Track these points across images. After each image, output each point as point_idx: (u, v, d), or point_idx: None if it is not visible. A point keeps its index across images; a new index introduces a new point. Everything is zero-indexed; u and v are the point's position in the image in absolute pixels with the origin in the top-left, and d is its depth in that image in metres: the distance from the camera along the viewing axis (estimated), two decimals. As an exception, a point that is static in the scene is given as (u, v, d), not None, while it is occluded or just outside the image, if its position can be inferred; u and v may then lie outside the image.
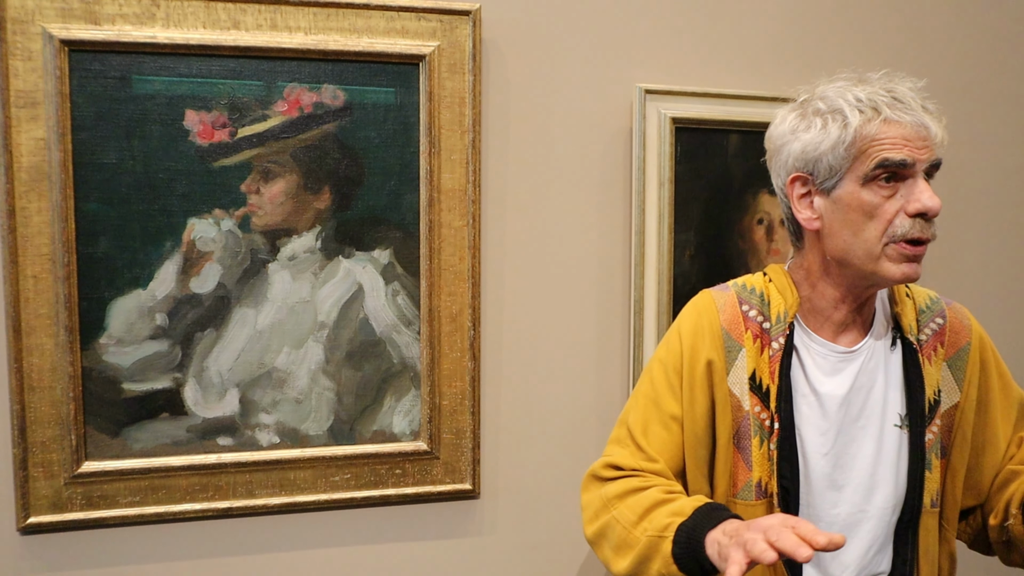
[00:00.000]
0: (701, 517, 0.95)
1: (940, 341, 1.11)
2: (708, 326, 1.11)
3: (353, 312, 1.39)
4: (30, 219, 1.24)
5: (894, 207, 1.00)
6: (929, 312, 1.13)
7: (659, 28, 1.51)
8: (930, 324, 1.12)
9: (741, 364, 1.09)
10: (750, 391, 1.08)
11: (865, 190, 1.01)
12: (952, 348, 1.12)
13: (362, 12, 1.34)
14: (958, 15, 1.69)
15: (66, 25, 1.23)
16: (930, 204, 0.99)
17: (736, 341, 1.10)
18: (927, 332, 1.12)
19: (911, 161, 0.99)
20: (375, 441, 1.41)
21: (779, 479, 1.06)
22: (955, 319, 1.13)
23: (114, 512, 1.31)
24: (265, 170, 1.34)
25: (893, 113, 0.99)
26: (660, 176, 1.48)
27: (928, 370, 1.10)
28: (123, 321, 1.30)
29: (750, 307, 1.12)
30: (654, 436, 1.10)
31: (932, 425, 1.10)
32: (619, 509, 1.04)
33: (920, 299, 1.14)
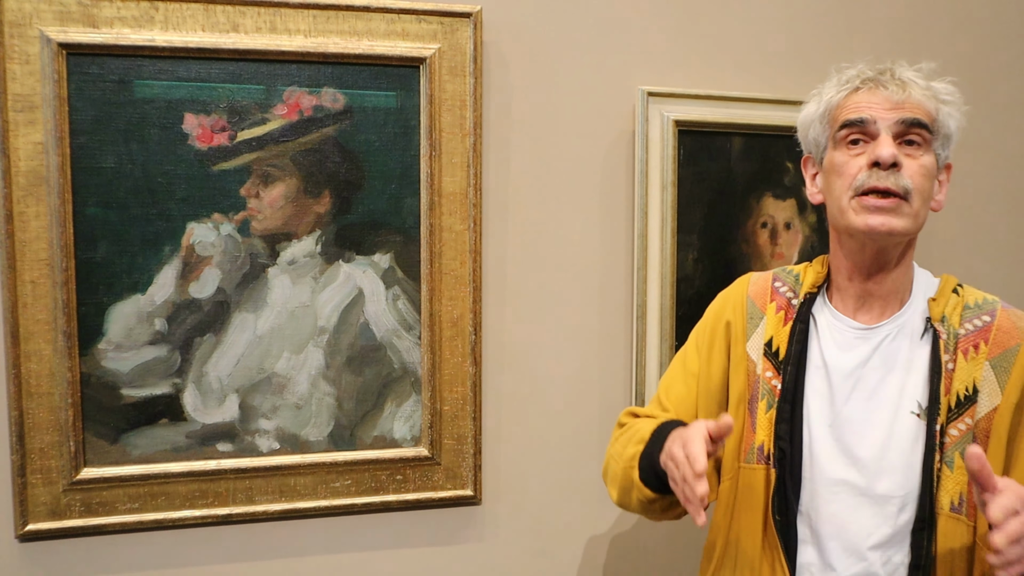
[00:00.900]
0: (656, 439, 1.10)
1: (984, 338, 1.06)
2: (736, 295, 1.22)
3: (353, 317, 1.38)
4: (28, 224, 1.23)
5: (859, 163, 1.05)
6: (977, 309, 1.09)
7: (661, 30, 1.50)
8: (974, 320, 1.08)
9: (760, 331, 1.16)
10: (764, 356, 1.14)
11: (836, 152, 1.08)
12: (998, 348, 1.05)
13: (362, 15, 1.33)
14: (962, 17, 1.67)
15: (64, 28, 1.22)
16: (880, 152, 1.02)
17: (759, 309, 1.18)
18: (968, 327, 1.07)
19: (870, 119, 1.04)
20: (376, 447, 1.40)
21: (776, 440, 1.10)
22: (1006, 319, 1.07)
23: (113, 519, 1.30)
24: (265, 174, 1.33)
25: (865, 84, 1.07)
26: (663, 179, 1.47)
27: (963, 365, 1.05)
28: (122, 326, 1.29)
29: (783, 284, 1.19)
30: (674, 392, 1.22)
31: (959, 422, 1.04)
32: (614, 447, 1.20)
33: (971, 297, 1.11)
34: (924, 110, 1.05)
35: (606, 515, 1.54)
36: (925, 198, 1.05)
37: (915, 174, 1.03)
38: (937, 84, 1.08)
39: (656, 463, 1.06)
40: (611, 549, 1.55)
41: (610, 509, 1.54)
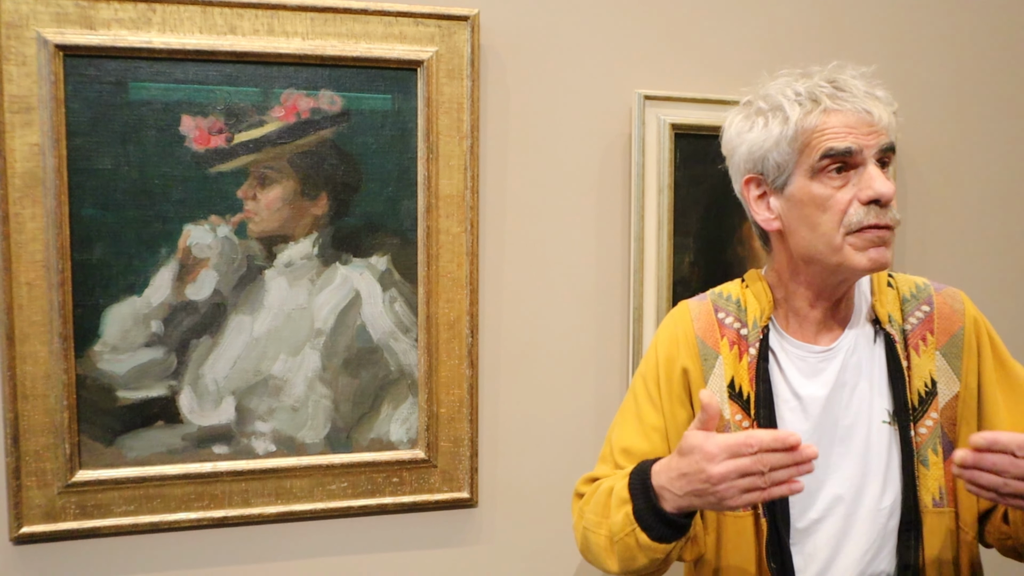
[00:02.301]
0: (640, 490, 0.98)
1: (929, 329, 1.05)
2: (683, 335, 1.12)
3: (350, 319, 1.38)
4: (24, 225, 1.23)
5: (847, 196, 0.98)
6: (915, 300, 1.07)
7: (658, 34, 1.50)
8: (916, 312, 1.06)
9: (719, 372, 1.08)
10: (730, 399, 1.07)
11: (815, 183, 0.99)
12: (944, 335, 1.05)
13: (360, 17, 1.33)
14: (956, 22, 1.68)
15: (61, 30, 1.22)
16: (882, 189, 0.96)
17: (712, 348, 1.10)
18: (912, 321, 1.06)
19: (857, 148, 0.97)
20: (372, 449, 1.40)
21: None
22: (944, 304, 1.06)
23: (108, 522, 1.29)
24: (262, 176, 1.33)
25: (834, 103, 0.98)
26: (659, 182, 1.47)
27: (917, 361, 1.04)
28: (118, 328, 1.29)
29: (726, 314, 1.11)
30: (637, 450, 1.10)
31: (926, 419, 1.04)
32: (587, 517, 1.07)
33: (905, 287, 1.09)
34: (890, 129, 1.00)
35: (602, 518, 1.54)
36: None
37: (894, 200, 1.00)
38: (881, 91, 1.02)
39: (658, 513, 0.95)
40: (607, 552, 1.55)
41: (606, 512, 1.54)
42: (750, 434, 0.87)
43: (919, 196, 1.69)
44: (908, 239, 1.69)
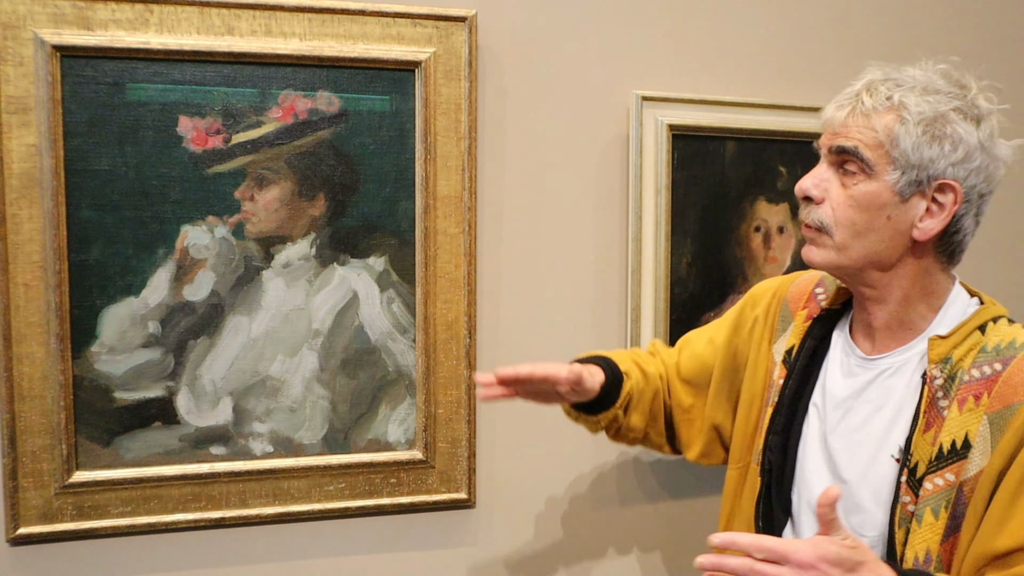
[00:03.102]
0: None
1: (988, 389, 0.92)
2: (776, 290, 1.20)
3: (348, 320, 1.38)
4: (21, 226, 1.23)
5: None
6: (994, 354, 0.95)
7: (656, 35, 1.50)
8: (984, 366, 0.94)
9: (787, 335, 1.14)
10: (783, 363, 1.12)
11: None
12: (999, 402, 0.91)
13: (357, 18, 1.33)
14: (955, 21, 1.69)
15: (58, 30, 1.22)
16: (800, 183, 1.01)
17: (791, 314, 1.15)
18: (975, 373, 0.94)
19: (817, 145, 1.02)
20: (370, 450, 1.40)
21: (764, 449, 1.10)
22: (1019, 371, 0.92)
23: (105, 522, 1.29)
24: (259, 177, 1.33)
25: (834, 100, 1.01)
26: (657, 183, 1.48)
27: (955, 416, 0.93)
28: (115, 329, 1.28)
29: (824, 291, 1.15)
30: (694, 347, 1.27)
31: (938, 476, 0.93)
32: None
33: (995, 339, 0.96)
34: (862, 136, 0.95)
35: (600, 519, 1.54)
36: (856, 231, 0.97)
37: (839, 206, 0.97)
38: (911, 100, 0.94)
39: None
40: (605, 554, 1.55)
41: (605, 513, 1.54)
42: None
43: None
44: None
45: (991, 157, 0.95)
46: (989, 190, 0.97)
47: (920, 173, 0.94)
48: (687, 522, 1.59)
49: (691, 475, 1.59)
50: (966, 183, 0.95)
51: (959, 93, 0.96)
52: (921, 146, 0.93)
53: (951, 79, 0.97)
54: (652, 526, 1.57)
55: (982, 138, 0.94)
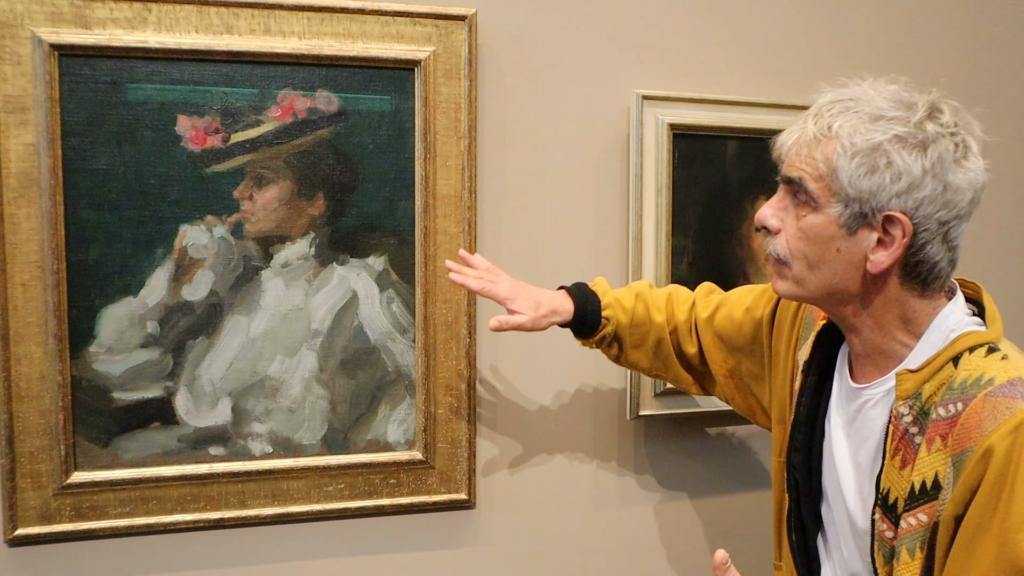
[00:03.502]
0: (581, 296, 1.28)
1: (949, 430, 0.88)
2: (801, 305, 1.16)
3: (347, 320, 1.37)
4: (19, 226, 1.22)
5: None
6: (960, 392, 0.88)
7: (657, 34, 1.50)
8: (949, 404, 0.89)
9: (806, 345, 1.10)
10: (802, 372, 1.09)
11: None
12: (958, 445, 0.87)
13: (357, 17, 1.33)
14: (958, 19, 1.68)
15: (56, 29, 1.21)
16: (759, 213, 0.98)
17: (813, 322, 1.11)
18: (941, 412, 0.89)
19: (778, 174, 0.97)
20: (369, 450, 1.39)
21: (789, 468, 1.09)
22: (975, 413, 0.86)
23: (104, 523, 1.29)
24: (258, 176, 1.32)
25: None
26: (658, 183, 1.47)
27: (925, 456, 0.89)
28: (113, 329, 1.28)
29: None
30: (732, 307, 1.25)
31: (910, 516, 0.90)
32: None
33: (964, 373, 0.89)
34: (807, 167, 0.91)
35: (601, 519, 1.54)
36: (811, 264, 0.94)
37: (791, 238, 0.95)
38: (848, 129, 0.89)
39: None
40: (606, 553, 1.55)
41: (605, 513, 1.54)
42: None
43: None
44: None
45: (944, 183, 0.88)
46: (953, 216, 0.89)
47: (863, 206, 0.89)
48: (687, 522, 1.59)
49: (692, 476, 1.58)
50: (917, 213, 0.88)
51: (904, 118, 0.89)
52: (859, 179, 0.88)
53: (899, 101, 0.90)
54: (652, 526, 1.57)
55: (928, 166, 0.87)
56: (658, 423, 1.55)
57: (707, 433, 1.59)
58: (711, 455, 1.59)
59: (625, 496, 1.55)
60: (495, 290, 1.24)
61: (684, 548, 1.58)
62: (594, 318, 1.26)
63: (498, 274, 1.28)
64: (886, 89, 0.92)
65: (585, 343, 1.31)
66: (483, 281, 1.24)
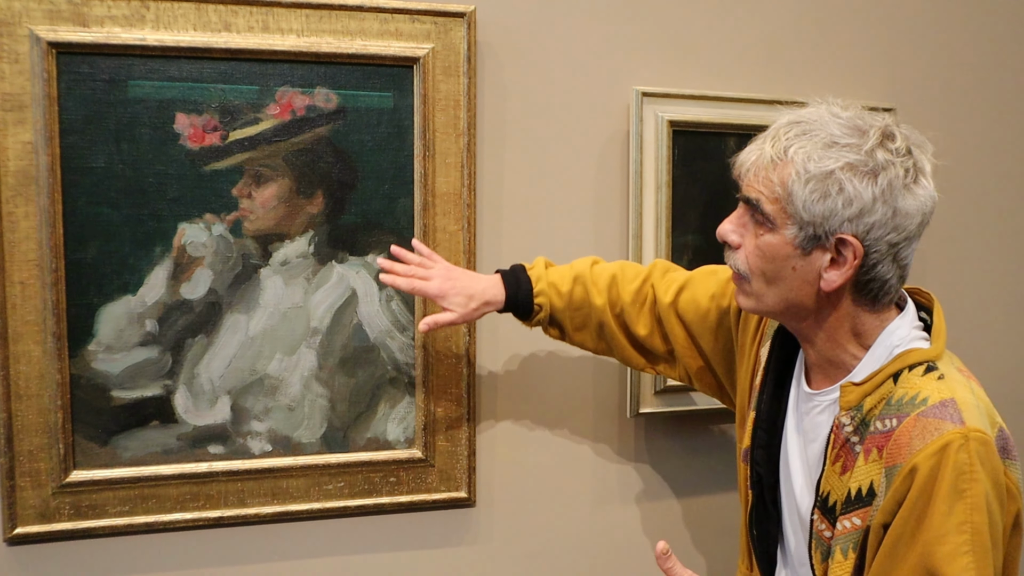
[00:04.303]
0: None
1: (885, 443, 0.92)
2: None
3: (346, 318, 1.37)
4: (17, 224, 1.22)
5: None
6: (896, 408, 0.92)
7: (656, 30, 1.49)
8: (886, 419, 0.93)
9: (768, 343, 1.13)
10: (764, 368, 1.12)
11: None
12: (890, 459, 0.91)
13: (355, 14, 1.32)
14: (957, 16, 1.68)
15: (54, 27, 1.21)
16: (720, 228, 1.01)
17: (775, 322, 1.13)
18: (879, 425, 0.93)
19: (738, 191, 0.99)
20: (369, 449, 1.39)
21: (753, 463, 1.11)
22: (906, 432, 0.90)
23: (103, 522, 1.28)
24: (257, 174, 1.32)
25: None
26: (657, 180, 1.47)
27: (861, 463, 0.93)
28: (112, 328, 1.28)
29: None
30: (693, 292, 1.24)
31: (845, 519, 0.94)
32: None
33: (903, 390, 0.93)
34: (764, 189, 0.94)
35: (600, 518, 1.54)
36: (768, 279, 0.97)
37: (750, 254, 0.98)
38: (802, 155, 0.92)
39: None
40: (605, 552, 1.54)
41: (605, 511, 1.53)
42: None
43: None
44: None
45: (893, 208, 0.91)
46: (903, 238, 0.93)
47: (816, 229, 0.92)
48: (687, 520, 1.58)
49: (692, 473, 1.58)
50: (868, 237, 0.91)
51: (857, 145, 0.91)
52: (812, 203, 0.91)
53: (853, 127, 0.92)
54: (652, 524, 1.56)
55: (879, 192, 0.90)
56: (658, 421, 1.55)
57: (707, 431, 1.58)
58: (711, 453, 1.59)
59: (625, 494, 1.55)
60: (425, 288, 1.23)
61: (684, 546, 1.58)
62: (526, 305, 1.26)
63: (432, 266, 1.27)
64: (842, 115, 0.94)
65: (525, 325, 1.31)
66: (412, 280, 1.24)
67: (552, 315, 1.28)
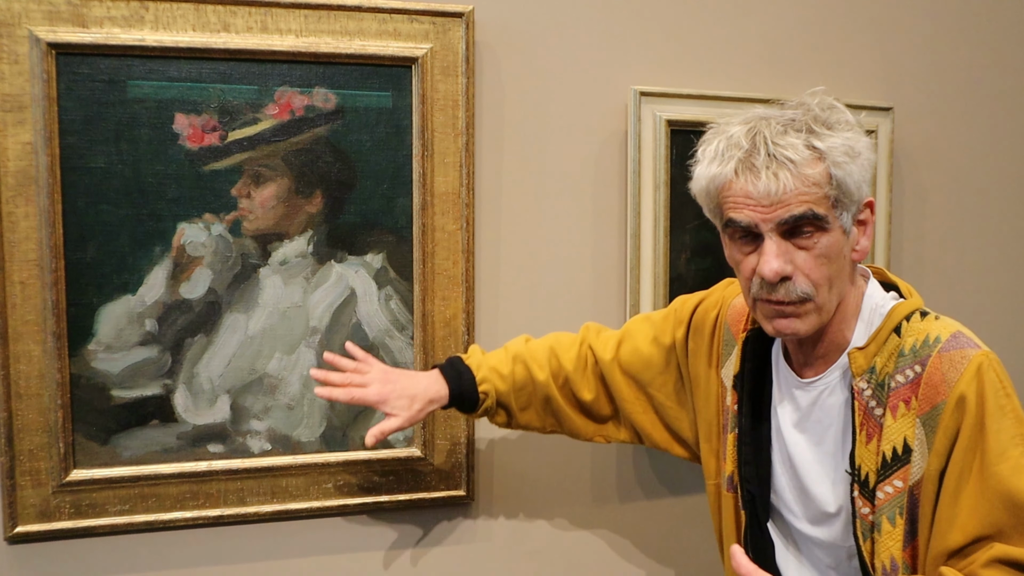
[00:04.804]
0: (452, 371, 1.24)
1: (914, 393, 0.93)
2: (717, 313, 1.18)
3: (346, 317, 1.37)
4: (17, 224, 1.22)
5: (751, 265, 0.96)
6: (912, 356, 0.94)
7: (654, 30, 1.50)
8: (906, 370, 0.94)
9: (732, 359, 1.11)
10: (733, 388, 1.10)
11: (731, 244, 1.00)
12: (926, 403, 0.92)
13: (354, 14, 1.33)
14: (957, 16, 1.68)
15: (53, 28, 1.21)
16: (765, 271, 0.92)
17: (733, 336, 1.13)
18: (899, 378, 0.94)
19: (751, 222, 0.93)
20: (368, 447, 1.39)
21: (742, 481, 1.09)
22: (936, 371, 0.92)
23: (103, 521, 1.29)
24: (256, 174, 1.32)
25: (742, 170, 0.93)
26: (655, 179, 1.47)
27: (891, 423, 0.94)
28: (112, 327, 1.28)
29: None
30: (636, 338, 1.25)
31: (887, 484, 0.94)
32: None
33: (911, 339, 0.95)
34: (808, 196, 0.91)
35: (599, 516, 1.54)
36: (833, 279, 0.95)
37: (812, 269, 0.94)
38: (828, 141, 0.92)
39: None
40: (604, 550, 1.55)
41: (603, 509, 1.54)
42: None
43: (916, 194, 1.68)
44: (904, 237, 1.68)
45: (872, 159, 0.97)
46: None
47: (858, 204, 0.95)
48: (687, 519, 1.59)
49: (691, 472, 1.58)
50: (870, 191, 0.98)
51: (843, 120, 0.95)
52: (861, 181, 0.94)
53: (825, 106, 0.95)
54: (651, 523, 1.57)
55: (869, 143, 0.97)
56: (657, 420, 1.55)
57: (706, 429, 1.59)
58: (710, 451, 1.59)
59: (624, 492, 1.55)
60: (364, 396, 1.19)
61: (683, 545, 1.58)
62: (471, 395, 1.23)
63: (368, 370, 1.23)
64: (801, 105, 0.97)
65: (470, 417, 1.30)
66: (350, 390, 1.19)
67: (498, 400, 1.25)
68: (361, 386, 1.20)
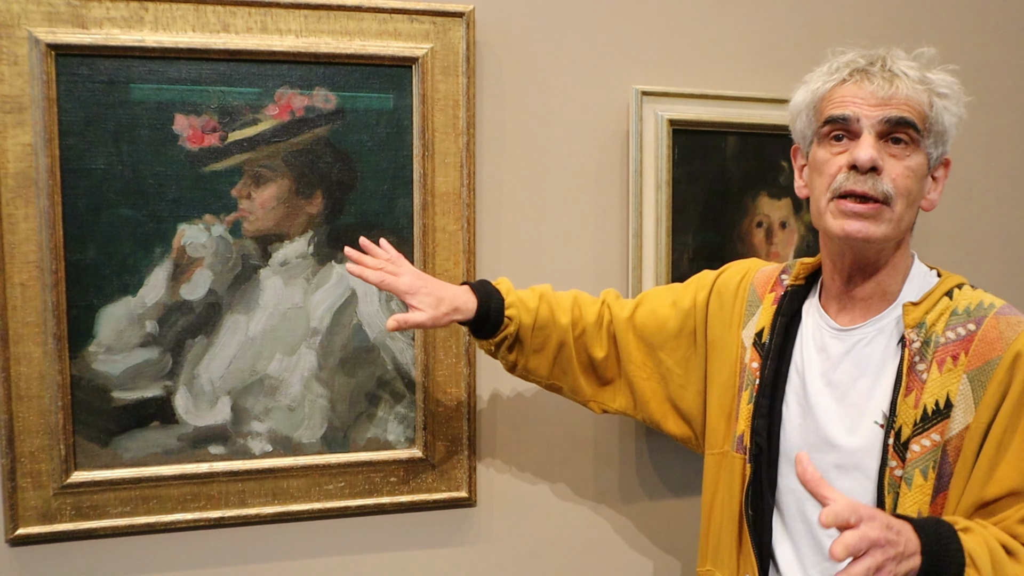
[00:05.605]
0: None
1: (964, 349, 0.97)
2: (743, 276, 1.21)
3: (346, 318, 1.37)
4: (17, 226, 1.22)
5: (840, 162, 1.00)
6: (966, 316, 0.99)
7: (655, 29, 1.49)
8: (959, 328, 0.99)
9: (755, 320, 1.15)
10: (754, 346, 1.13)
11: (820, 148, 1.04)
12: (978, 359, 0.96)
13: (354, 14, 1.32)
14: (958, 16, 1.67)
15: (52, 29, 1.21)
16: (860, 155, 0.97)
17: (759, 298, 1.17)
18: (950, 335, 0.98)
19: (853, 116, 0.99)
20: (369, 449, 1.39)
21: (752, 435, 1.10)
22: (992, 329, 0.97)
23: (104, 523, 1.29)
24: (256, 175, 1.32)
25: (853, 76, 1.01)
26: (657, 179, 1.46)
27: (936, 377, 0.97)
28: (112, 329, 1.28)
29: (787, 274, 1.17)
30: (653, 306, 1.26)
31: (924, 437, 0.97)
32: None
33: (965, 302, 1.01)
34: (913, 106, 0.98)
35: (600, 517, 1.53)
36: (910, 200, 1.00)
37: (899, 176, 0.98)
38: (934, 75, 1.00)
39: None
40: (605, 551, 1.54)
41: (606, 510, 1.53)
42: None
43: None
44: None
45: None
46: None
47: (940, 147, 1.02)
48: (688, 519, 1.58)
49: (693, 472, 1.57)
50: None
51: (948, 79, 1.02)
52: (946, 124, 1.00)
53: (934, 62, 1.02)
54: (653, 523, 1.56)
55: (962, 114, 1.03)
56: (659, 420, 1.54)
57: (709, 430, 1.58)
58: (713, 452, 1.58)
59: (626, 494, 1.54)
60: (394, 283, 1.17)
61: (684, 546, 1.58)
62: (497, 316, 1.21)
63: (400, 265, 1.21)
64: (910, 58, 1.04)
65: (484, 345, 1.25)
66: (382, 273, 1.17)
67: (518, 331, 1.23)
68: (393, 274, 1.18)
